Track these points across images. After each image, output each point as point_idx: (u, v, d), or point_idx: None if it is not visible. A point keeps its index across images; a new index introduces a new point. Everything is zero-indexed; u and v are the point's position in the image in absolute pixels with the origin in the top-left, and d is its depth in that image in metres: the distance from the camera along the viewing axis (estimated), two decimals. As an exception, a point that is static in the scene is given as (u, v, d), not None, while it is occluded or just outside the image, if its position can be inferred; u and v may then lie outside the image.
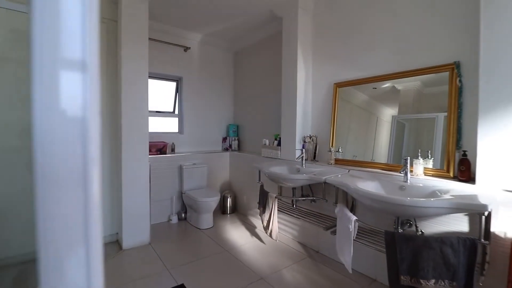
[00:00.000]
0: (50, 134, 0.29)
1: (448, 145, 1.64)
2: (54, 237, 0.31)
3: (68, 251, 0.32)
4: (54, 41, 0.32)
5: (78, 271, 0.32)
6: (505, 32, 1.34)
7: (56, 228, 0.31)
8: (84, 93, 0.32)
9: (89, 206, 0.32)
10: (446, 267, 1.21)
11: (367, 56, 2.14)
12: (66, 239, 0.32)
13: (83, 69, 0.32)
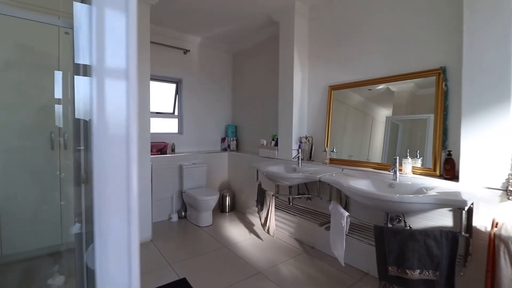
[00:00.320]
0: (103, 136, 0.38)
1: (435, 145, 1.74)
2: (106, 220, 0.40)
3: (116, 229, 0.40)
4: (109, 56, 0.40)
5: (122, 241, 0.41)
6: (485, 41, 1.44)
7: (108, 214, 0.40)
8: (128, 99, 0.40)
9: (131, 197, 0.41)
10: (430, 258, 1.31)
11: (361, 60, 2.24)
12: (115, 221, 0.40)
13: (127, 78, 0.40)
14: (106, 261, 0.41)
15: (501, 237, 1.26)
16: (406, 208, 1.46)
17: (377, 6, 2.11)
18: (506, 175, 1.37)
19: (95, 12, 0.41)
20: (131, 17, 0.44)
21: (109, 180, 0.39)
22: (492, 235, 1.30)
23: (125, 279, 0.43)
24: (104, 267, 0.40)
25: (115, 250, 0.40)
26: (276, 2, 2.51)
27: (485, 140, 1.44)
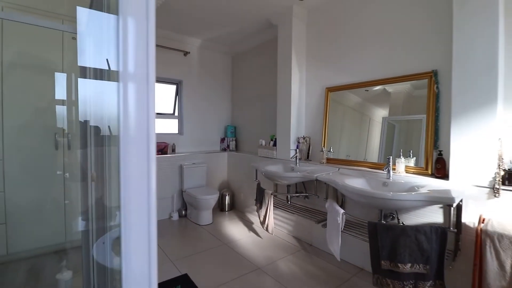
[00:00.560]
0: (127, 136, 0.44)
1: (427, 145, 1.82)
2: (130, 213, 0.46)
3: (138, 220, 0.46)
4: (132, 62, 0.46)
5: (143, 230, 0.47)
6: (473, 47, 1.52)
7: (131, 207, 0.46)
8: (148, 101, 0.46)
9: (150, 193, 0.47)
10: (421, 253, 1.38)
11: (357, 63, 2.31)
12: (137, 214, 0.46)
13: (147, 82, 0.46)
14: (129, 250, 0.47)
15: (487, 232, 1.33)
16: (398, 205, 1.53)
17: (373, 11, 2.18)
18: (493, 174, 1.45)
19: (121, 21, 0.47)
20: (150, 26, 0.50)
21: (133, 176, 0.45)
22: (479, 231, 1.37)
23: (145, 265, 0.49)
24: (128, 255, 0.46)
25: (138, 238, 0.47)
26: (274, 6, 2.58)
27: (473, 140, 1.52)
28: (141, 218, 0.47)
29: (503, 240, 1.28)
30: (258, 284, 1.85)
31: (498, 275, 1.29)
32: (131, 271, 0.48)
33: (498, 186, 1.42)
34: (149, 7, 0.50)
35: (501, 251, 1.29)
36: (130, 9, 0.48)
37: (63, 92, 2.30)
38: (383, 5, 2.11)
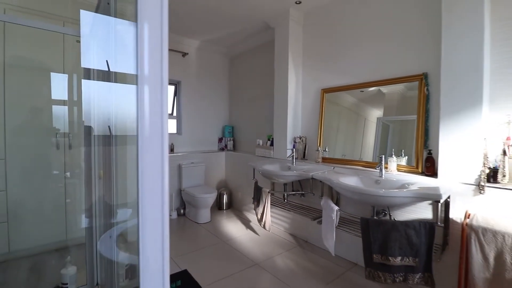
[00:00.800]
0: (144, 137, 0.50)
1: (417, 145, 1.90)
2: (146, 207, 0.52)
3: (153, 213, 0.52)
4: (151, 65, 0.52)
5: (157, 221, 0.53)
6: (461, 52, 1.60)
7: (147, 202, 0.52)
8: (161, 101, 0.52)
9: (164, 190, 0.53)
10: (410, 246, 1.46)
11: (351, 65, 2.38)
12: (152, 207, 0.52)
13: (162, 84, 0.52)
14: (145, 241, 0.53)
15: (473, 227, 1.41)
16: (389, 202, 1.61)
17: (367, 15, 2.26)
18: (479, 172, 1.53)
19: (139, 28, 0.53)
20: (164, 32, 0.56)
21: (149, 173, 0.51)
22: (465, 225, 1.45)
23: (159, 255, 0.55)
24: (144, 245, 0.52)
25: (153, 229, 0.53)
26: (272, 9, 2.65)
27: (460, 140, 1.60)
28: (156, 210, 0.53)
29: (487, 234, 1.37)
30: (256, 279, 1.91)
31: (482, 267, 1.38)
32: (147, 261, 0.54)
33: (483, 183, 1.50)
34: (163, 15, 0.56)
35: (485, 244, 1.37)
36: (147, 16, 0.54)
37: (64, 93, 2.34)
38: (378, 10, 2.19)
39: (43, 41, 2.23)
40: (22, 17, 2.10)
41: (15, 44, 2.11)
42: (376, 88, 2.24)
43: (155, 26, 0.55)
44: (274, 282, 1.86)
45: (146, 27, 0.54)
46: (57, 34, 2.24)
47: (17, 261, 2.12)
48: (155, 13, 0.55)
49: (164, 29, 0.56)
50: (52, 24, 2.10)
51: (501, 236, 1.32)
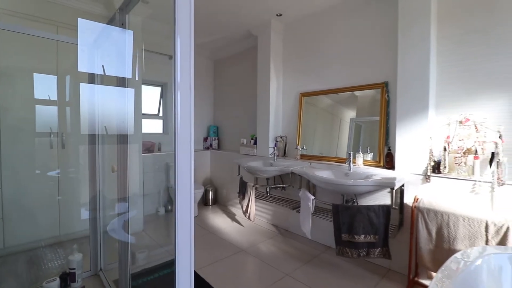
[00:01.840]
0: (179, 137, 0.71)
1: (379, 142, 2.23)
2: (181, 193, 0.74)
3: (185, 202, 0.74)
4: (185, 73, 0.73)
5: (187, 206, 0.75)
6: (412, 66, 1.94)
7: (181, 192, 0.74)
8: (190, 104, 0.74)
9: (191, 181, 0.75)
10: (371, 226, 1.77)
11: (326, 72, 2.69)
12: (185, 195, 0.74)
13: (190, 92, 0.74)
14: (181, 226, 0.75)
15: (419, 208, 1.75)
16: (356, 190, 1.92)
17: (339, 29, 2.57)
18: (426, 164, 1.87)
19: (178, 40, 0.75)
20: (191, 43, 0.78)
21: (183, 166, 0.73)
22: (414, 207, 1.78)
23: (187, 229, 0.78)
24: (179, 223, 0.75)
25: (184, 214, 0.75)
26: (255, 19, 2.90)
27: (412, 138, 1.94)
28: (187, 198, 0.75)
29: (430, 214, 1.70)
30: (243, 262, 2.15)
31: (427, 240, 1.71)
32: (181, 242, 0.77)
33: (429, 173, 1.84)
34: (191, 29, 0.79)
35: (428, 221, 1.71)
36: (182, 31, 0.76)
37: (64, 94, 2.43)
38: (348, 26, 2.51)
39: (37, 45, 2.32)
40: (15, 23, 2.18)
41: (12, 47, 2.19)
42: (350, 92, 2.54)
43: (186, 37, 0.77)
44: (258, 264, 2.11)
45: (180, 40, 0.76)
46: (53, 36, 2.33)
47: (12, 256, 2.20)
48: (186, 27, 0.78)
49: (192, 40, 0.78)
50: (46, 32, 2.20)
51: (440, 215, 1.66)
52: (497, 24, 1.73)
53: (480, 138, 1.75)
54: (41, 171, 2.39)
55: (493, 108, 1.76)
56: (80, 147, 2.29)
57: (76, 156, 2.37)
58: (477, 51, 1.80)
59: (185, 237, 0.78)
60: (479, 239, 1.53)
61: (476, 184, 1.67)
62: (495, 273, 1.22)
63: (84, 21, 1.96)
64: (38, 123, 2.36)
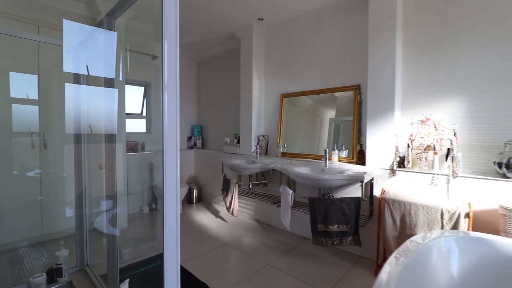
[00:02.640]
0: (167, 136, 0.81)
1: (353, 141, 2.41)
2: (167, 192, 0.84)
3: (172, 198, 0.84)
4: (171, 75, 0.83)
5: (174, 201, 0.85)
6: (381, 71, 2.13)
7: (168, 189, 0.84)
8: (176, 104, 0.84)
9: (177, 177, 0.85)
10: (344, 216, 1.94)
11: (305, 75, 2.85)
12: (171, 190, 0.84)
13: (176, 90, 0.84)
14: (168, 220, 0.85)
15: (386, 199, 1.93)
16: (331, 184, 2.08)
17: (317, 35, 2.74)
18: (392, 160, 2.07)
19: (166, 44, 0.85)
20: (177, 48, 0.88)
21: (169, 164, 0.84)
22: (381, 199, 1.97)
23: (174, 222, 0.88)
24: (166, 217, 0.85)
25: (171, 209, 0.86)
26: (238, 22, 3.01)
27: (381, 137, 2.13)
28: (173, 195, 0.86)
29: (395, 204, 1.89)
30: (226, 254, 2.26)
31: (392, 228, 1.90)
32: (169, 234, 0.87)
33: (395, 168, 2.04)
34: (177, 33, 0.89)
35: (393, 211, 1.90)
36: (169, 35, 0.87)
37: (35, 92, 2.42)
38: (324, 31, 2.68)
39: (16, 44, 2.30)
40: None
41: None
42: (330, 93, 2.69)
43: (172, 42, 0.88)
44: (241, 256, 2.23)
45: (167, 44, 0.86)
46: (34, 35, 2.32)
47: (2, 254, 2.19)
48: (172, 33, 0.88)
49: (177, 44, 0.89)
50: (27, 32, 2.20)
51: (403, 205, 1.85)
52: (453, 34, 1.95)
53: (438, 136, 1.96)
54: (21, 171, 2.38)
55: (449, 109, 1.98)
56: (65, 146, 2.31)
57: (60, 156, 2.38)
58: (437, 58, 2.01)
59: (172, 230, 0.88)
60: (436, 225, 1.73)
61: (435, 177, 1.88)
62: (444, 253, 1.41)
63: (69, 22, 1.99)
64: (15, 123, 2.34)
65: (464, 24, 1.90)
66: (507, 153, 1.68)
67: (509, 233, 1.52)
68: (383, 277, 1.06)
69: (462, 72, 1.92)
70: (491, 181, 1.67)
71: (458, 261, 1.41)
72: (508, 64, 1.75)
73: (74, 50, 1.90)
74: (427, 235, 1.44)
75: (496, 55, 1.79)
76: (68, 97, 2.03)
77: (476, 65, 1.86)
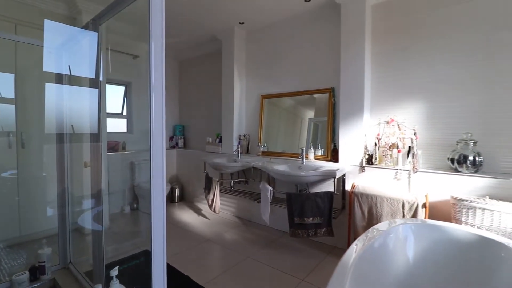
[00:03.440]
0: (154, 134, 0.90)
1: (327, 140, 2.59)
2: (154, 189, 0.93)
3: (159, 195, 0.94)
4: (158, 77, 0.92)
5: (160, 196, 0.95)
6: (351, 75, 2.31)
7: (155, 186, 0.93)
8: (162, 105, 0.93)
9: (164, 175, 0.94)
10: (318, 209, 2.10)
11: (284, 78, 2.99)
12: (158, 188, 0.93)
13: (162, 90, 0.93)
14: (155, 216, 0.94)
15: (355, 193, 2.12)
16: (307, 180, 2.24)
17: (295, 40, 2.89)
18: (361, 157, 2.26)
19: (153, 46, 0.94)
20: (163, 49, 0.97)
21: (157, 162, 0.93)
22: (351, 193, 2.15)
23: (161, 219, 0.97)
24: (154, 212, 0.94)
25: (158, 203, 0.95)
26: (219, 26, 3.10)
27: (351, 136, 2.32)
28: (159, 193, 0.95)
29: (363, 197, 2.08)
30: (209, 249, 2.36)
31: (361, 218, 2.09)
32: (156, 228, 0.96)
33: (364, 165, 2.23)
34: (163, 36, 0.98)
35: (362, 203, 2.08)
36: (156, 37, 0.95)
37: (11, 92, 2.38)
38: (301, 37, 2.84)
39: None
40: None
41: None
42: (309, 95, 2.84)
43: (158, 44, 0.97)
44: (223, 250, 2.34)
45: (154, 45, 0.95)
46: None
47: None
48: (159, 35, 0.97)
49: (163, 46, 0.98)
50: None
51: (371, 197, 2.04)
52: (414, 43, 2.17)
53: (401, 135, 2.18)
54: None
55: (411, 110, 2.20)
56: (45, 146, 2.29)
57: (39, 155, 2.36)
58: (401, 65, 2.23)
59: (159, 223, 0.97)
60: (398, 214, 1.93)
61: (398, 172, 2.08)
62: (402, 239, 1.60)
63: (50, 22, 2.01)
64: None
65: (424, 36, 2.13)
66: (459, 150, 1.91)
67: (459, 220, 1.75)
68: (345, 260, 1.22)
69: (422, 78, 2.14)
70: (445, 175, 1.90)
71: (414, 245, 1.61)
72: (459, 72, 1.99)
73: (55, 50, 1.92)
74: (390, 223, 1.63)
75: (448, 64, 2.03)
76: (48, 97, 2.04)
77: (433, 72, 2.09)
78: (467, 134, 1.90)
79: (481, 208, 1.65)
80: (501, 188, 1.72)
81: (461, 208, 1.72)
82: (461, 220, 1.72)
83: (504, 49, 1.84)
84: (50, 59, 1.94)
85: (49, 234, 1.91)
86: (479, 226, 1.66)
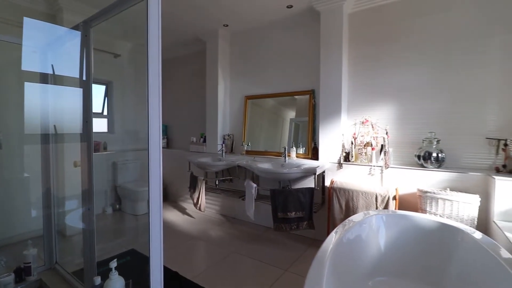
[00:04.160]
0: (151, 135, 0.96)
1: (308, 139, 2.74)
2: (152, 191, 0.99)
3: (157, 193, 1.00)
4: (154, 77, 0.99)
5: (158, 194, 1.01)
6: (331, 78, 2.48)
7: (153, 185, 0.99)
8: (159, 107, 0.99)
9: (160, 175, 1.01)
10: (300, 204, 2.23)
11: (266, 79, 3.11)
12: (156, 187, 1.00)
13: (159, 96, 1.00)
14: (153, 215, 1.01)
15: (334, 188, 2.28)
16: (289, 177, 2.37)
17: (277, 43, 3.02)
18: (339, 155, 2.43)
19: (150, 48, 1.01)
20: (159, 50, 1.04)
21: (153, 162, 1.00)
22: (330, 188, 2.31)
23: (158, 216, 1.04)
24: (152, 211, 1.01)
25: (156, 201, 1.02)
26: (203, 27, 3.16)
27: (330, 135, 2.48)
28: (157, 193, 1.02)
29: (341, 192, 2.24)
30: (194, 246, 2.42)
31: (339, 212, 2.25)
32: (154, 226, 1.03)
33: (342, 162, 2.40)
34: (159, 36, 1.05)
35: (340, 197, 2.24)
36: (153, 39, 1.02)
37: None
38: (284, 41, 2.97)
39: None
40: None
41: None
42: (291, 96, 2.97)
43: (155, 45, 1.03)
44: (209, 246, 2.41)
45: (151, 47, 1.02)
46: None
47: None
48: (156, 37, 1.04)
49: (159, 47, 1.05)
50: None
51: (348, 192, 2.21)
52: (385, 51, 2.37)
53: (375, 134, 2.37)
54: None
55: (383, 112, 2.39)
56: (25, 146, 2.24)
57: (19, 156, 2.30)
58: (375, 69, 2.42)
59: (156, 222, 1.04)
60: (372, 207, 2.11)
61: (372, 168, 2.27)
62: (374, 228, 1.76)
63: (30, 20, 1.98)
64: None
65: (393, 45, 2.33)
66: (424, 147, 2.12)
67: (424, 210, 1.95)
68: (324, 248, 1.35)
69: (393, 82, 2.35)
70: (412, 170, 2.10)
71: (385, 233, 1.78)
72: (422, 78, 2.21)
73: (40, 49, 1.90)
74: (365, 214, 1.79)
75: (414, 70, 2.24)
76: (30, 97, 2.00)
77: (402, 78, 2.30)
78: (431, 133, 2.11)
79: (443, 198, 1.86)
80: (460, 181, 1.94)
81: (426, 199, 1.92)
82: (426, 210, 1.92)
83: (459, 58, 2.07)
84: (33, 58, 1.92)
85: (34, 236, 1.89)
86: (441, 214, 1.87)
